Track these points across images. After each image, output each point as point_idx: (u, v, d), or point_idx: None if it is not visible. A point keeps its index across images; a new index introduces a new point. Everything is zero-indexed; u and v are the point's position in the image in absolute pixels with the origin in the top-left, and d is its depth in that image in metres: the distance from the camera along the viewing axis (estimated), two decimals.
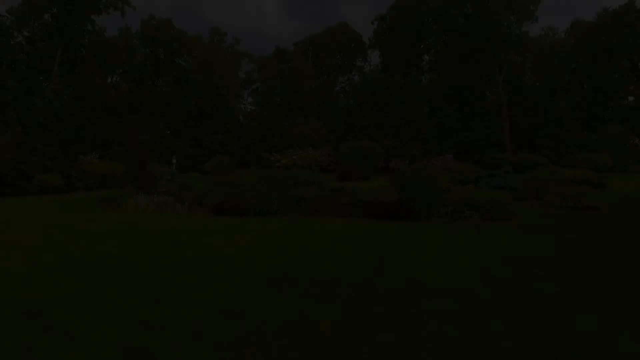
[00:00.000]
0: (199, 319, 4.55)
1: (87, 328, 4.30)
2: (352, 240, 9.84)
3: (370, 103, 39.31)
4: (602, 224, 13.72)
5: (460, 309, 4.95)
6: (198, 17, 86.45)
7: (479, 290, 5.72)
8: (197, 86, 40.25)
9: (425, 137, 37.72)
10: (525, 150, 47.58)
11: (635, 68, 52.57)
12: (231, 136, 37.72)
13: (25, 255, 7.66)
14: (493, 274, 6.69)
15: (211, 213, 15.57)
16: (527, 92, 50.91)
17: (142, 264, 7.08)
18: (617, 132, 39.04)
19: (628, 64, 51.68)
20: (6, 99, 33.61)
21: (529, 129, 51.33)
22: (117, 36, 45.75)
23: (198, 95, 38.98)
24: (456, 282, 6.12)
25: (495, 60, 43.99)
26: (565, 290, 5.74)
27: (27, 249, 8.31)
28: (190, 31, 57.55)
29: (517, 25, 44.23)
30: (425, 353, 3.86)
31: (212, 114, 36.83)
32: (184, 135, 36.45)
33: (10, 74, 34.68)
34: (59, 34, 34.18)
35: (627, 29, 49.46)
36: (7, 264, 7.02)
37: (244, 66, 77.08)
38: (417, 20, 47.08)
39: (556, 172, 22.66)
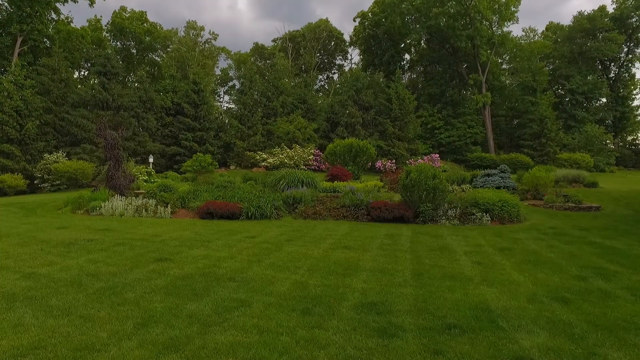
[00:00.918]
0: None
1: None
2: (377, 249, 8.65)
3: (355, 101, 38.34)
4: (616, 225, 13.14)
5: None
6: (170, 13, 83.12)
7: (556, 314, 4.64)
8: (173, 81, 38.16)
9: (412, 136, 37.08)
10: (506, 150, 47.98)
11: (608, 70, 54.06)
12: (210, 134, 35.85)
13: None
14: (558, 289, 5.66)
15: (197, 217, 14.06)
16: (508, 92, 51.45)
17: (128, 287, 5.64)
18: (596, 133, 39.66)
19: (601, 66, 53.11)
20: None
21: (510, 128, 51.91)
22: (85, 27, 42.87)
23: (174, 91, 36.90)
24: (527, 304, 5.02)
25: (478, 60, 43.94)
26: None
27: None
28: (164, 26, 54.68)
29: (499, 26, 44.35)
30: None
31: (190, 111, 34.86)
32: (160, 133, 34.33)
33: None
34: (18, 20, 31.34)
35: (601, 32, 50.71)
36: None
37: (221, 62, 74.67)
38: (399, 18, 46.51)
39: (550, 170, 22.27)
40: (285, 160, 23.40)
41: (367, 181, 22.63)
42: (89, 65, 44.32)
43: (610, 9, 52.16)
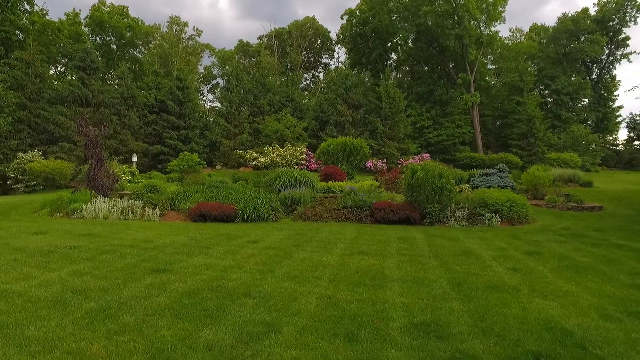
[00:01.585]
0: None
1: None
2: (396, 255, 7.88)
3: (344, 99, 37.63)
4: (627, 226, 12.73)
5: None
6: (149, 11, 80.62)
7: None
8: (157, 78, 36.68)
9: (402, 135, 36.59)
10: (493, 150, 48.09)
11: (591, 71, 54.92)
12: (195, 133, 34.53)
13: None
14: (624, 302, 4.99)
15: (189, 219, 13.05)
16: (493, 93, 51.65)
17: (125, 308, 4.69)
18: (582, 133, 40.01)
19: (584, 67, 53.92)
20: None
21: (496, 128, 52.12)
22: (63, 20, 40.87)
23: (158, 88, 35.45)
24: (604, 322, 4.32)
25: (466, 59, 43.83)
26: None
27: None
28: (146, 22, 52.61)
29: (487, 25, 44.33)
30: None
31: (175, 109, 33.47)
32: (143, 132, 32.85)
33: None
34: None
35: (583, 34, 51.44)
36: None
37: (205, 60, 73.14)
38: (387, 16, 46.06)
39: (546, 170, 21.99)
40: (278, 160, 22.43)
41: (362, 181, 21.89)
42: (67, 60, 42.27)
43: (592, 11, 53.05)
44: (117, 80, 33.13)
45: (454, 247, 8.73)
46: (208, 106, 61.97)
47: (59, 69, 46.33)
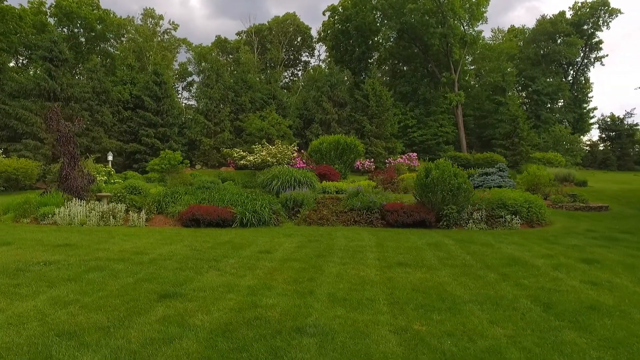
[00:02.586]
0: None
1: None
2: (442, 266, 6.78)
3: (329, 97, 36.49)
4: None
5: None
6: (118, 6, 76.63)
7: None
8: (132, 72, 34.41)
9: (389, 134, 35.81)
10: (476, 150, 48.16)
11: (567, 73, 56.11)
12: (174, 130, 32.53)
13: None
14: None
15: (179, 224, 11.55)
16: (474, 93, 51.85)
17: None
18: (564, 133, 40.47)
19: (561, 69, 55.00)
20: None
21: (477, 128, 52.32)
22: (25, 8, 37.84)
23: (133, 83, 33.22)
24: None
25: (451, 58, 43.64)
26: None
27: None
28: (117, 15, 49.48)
29: (470, 25, 44.30)
30: None
31: (152, 105, 31.37)
32: (117, 129, 30.61)
33: None
34: None
35: (560, 37, 52.42)
36: None
37: (180, 57, 70.72)
38: (371, 13, 45.37)
39: (542, 170, 21.60)
40: (268, 158, 21.02)
41: (356, 181, 20.82)
42: (30, 52, 39.20)
43: (568, 15, 54.15)
44: (88, 74, 30.60)
45: (497, 255, 7.71)
46: (184, 104, 59.47)
47: (20, 61, 43.08)
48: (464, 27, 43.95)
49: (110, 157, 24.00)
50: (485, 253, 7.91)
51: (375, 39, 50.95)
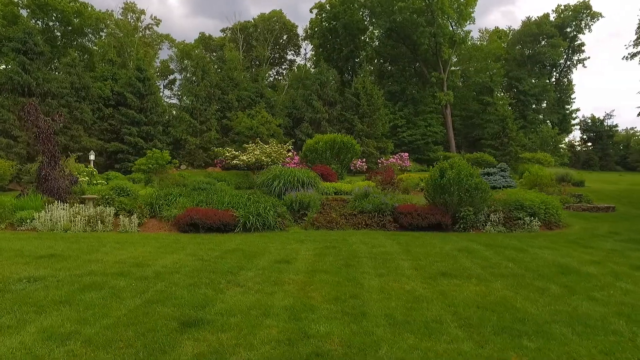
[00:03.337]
0: None
1: None
2: (491, 276, 6.02)
3: (319, 95, 35.66)
4: None
5: None
6: (95, 3, 73.52)
7: None
8: (113, 67, 32.76)
9: (380, 133, 35.23)
10: (465, 150, 48.15)
11: (550, 75, 56.87)
12: (158, 129, 31.05)
13: None
14: None
15: (175, 229, 10.51)
16: (461, 93, 51.89)
17: None
18: (551, 133, 40.78)
19: (546, 70, 55.69)
20: None
21: (464, 128, 52.38)
22: None
23: (115, 79, 31.60)
24: None
25: (440, 58, 43.43)
26: None
27: None
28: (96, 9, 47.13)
29: (458, 25, 44.19)
30: None
31: (135, 102, 29.82)
32: (97, 127, 28.97)
33: None
34: None
35: (544, 39, 53.05)
36: None
37: (162, 54, 68.57)
38: (359, 11, 44.78)
39: (543, 169, 21.34)
40: (263, 158, 20.00)
41: (354, 181, 20.08)
42: (0, 45, 36.92)
43: (552, 17, 54.87)
44: (66, 69, 28.81)
45: (539, 262, 7.02)
46: (165, 103, 57.56)
47: None
48: (452, 27, 43.83)
49: (92, 157, 22.50)
50: (524, 260, 7.21)
51: (362, 37, 50.35)
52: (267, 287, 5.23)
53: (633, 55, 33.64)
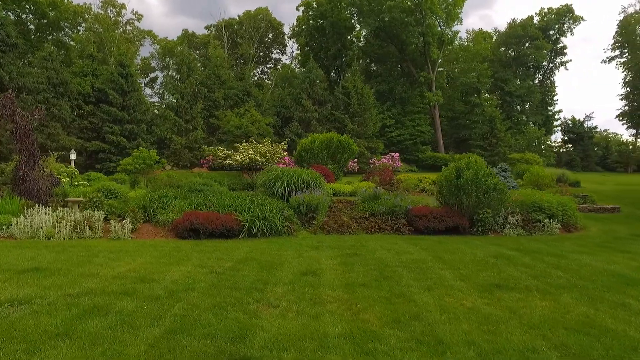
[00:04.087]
0: None
1: None
2: (556, 289, 5.36)
3: (309, 94, 34.85)
4: None
5: None
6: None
7: None
8: (93, 62, 31.13)
9: (371, 133, 34.68)
10: (453, 150, 48.16)
11: (534, 77, 57.63)
12: (142, 128, 29.62)
13: None
14: None
15: (173, 235, 9.53)
16: (448, 94, 51.96)
17: None
18: (538, 134, 41.11)
19: (532, 72, 56.38)
20: None
21: (451, 129, 52.45)
22: None
23: (95, 75, 30.02)
24: None
25: (428, 58, 43.24)
26: None
27: None
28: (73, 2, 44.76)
29: (446, 25, 44.13)
30: None
31: (117, 99, 28.31)
32: (77, 125, 27.38)
33: None
34: None
35: (528, 41, 53.67)
36: None
37: (143, 52, 66.60)
38: (347, 10, 44.19)
39: (542, 170, 21.15)
40: (257, 157, 19.07)
41: (352, 182, 19.38)
42: None
43: (535, 20, 55.59)
44: (42, 63, 27.13)
45: (588, 269, 6.42)
46: (147, 101, 55.62)
47: None
48: (441, 27, 43.73)
49: (72, 156, 21.06)
50: (570, 267, 6.60)
51: (349, 36, 49.77)
52: (308, 308, 4.40)
53: (611, 59, 34.17)
